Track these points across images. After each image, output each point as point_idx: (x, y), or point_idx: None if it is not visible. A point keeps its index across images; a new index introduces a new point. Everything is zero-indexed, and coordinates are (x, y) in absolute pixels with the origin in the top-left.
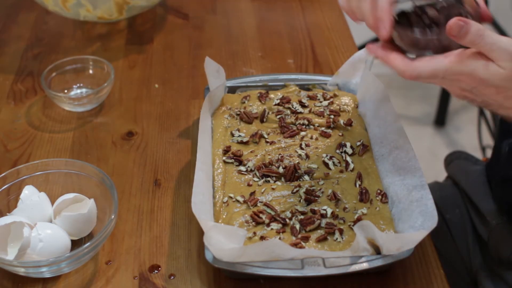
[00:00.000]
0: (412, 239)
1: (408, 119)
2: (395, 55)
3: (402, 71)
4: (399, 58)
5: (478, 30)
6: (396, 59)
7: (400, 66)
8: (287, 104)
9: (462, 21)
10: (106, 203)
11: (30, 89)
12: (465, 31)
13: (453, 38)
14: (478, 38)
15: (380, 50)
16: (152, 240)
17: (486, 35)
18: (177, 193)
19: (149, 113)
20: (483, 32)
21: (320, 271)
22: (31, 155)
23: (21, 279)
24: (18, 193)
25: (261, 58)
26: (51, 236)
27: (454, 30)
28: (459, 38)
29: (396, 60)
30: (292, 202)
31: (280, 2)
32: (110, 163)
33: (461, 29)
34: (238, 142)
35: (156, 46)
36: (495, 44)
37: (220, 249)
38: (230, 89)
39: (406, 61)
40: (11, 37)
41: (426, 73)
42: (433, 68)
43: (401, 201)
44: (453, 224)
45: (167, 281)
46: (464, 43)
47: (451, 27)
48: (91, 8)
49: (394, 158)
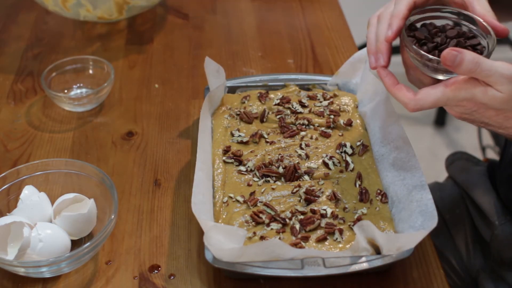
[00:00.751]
0: (412, 239)
1: (408, 119)
2: (399, 87)
3: (405, 103)
4: (403, 89)
5: (473, 58)
6: (400, 91)
7: (403, 98)
8: (287, 104)
9: (455, 51)
10: (106, 203)
11: (30, 89)
12: (459, 61)
13: (449, 68)
14: (474, 66)
15: (387, 78)
16: (152, 240)
17: (481, 62)
18: (177, 193)
19: (149, 113)
20: (478, 60)
21: (320, 271)
22: (31, 155)
23: (21, 279)
24: (18, 193)
25: (261, 58)
26: (51, 236)
27: (448, 60)
28: (455, 68)
29: (400, 92)
30: (292, 202)
31: (280, 2)
32: (110, 163)
33: (455, 59)
34: (238, 142)
35: (156, 46)
36: (491, 70)
37: (220, 249)
38: (230, 89)
39: (409, 95)
40: (11, 37)
41: (428, 104)
42: (435, 99)
43: (401, 201)
44: (453, 224)
45: (167, 281)
46: (461, 72)
47: (445, 57)
48: (91, 8)
49: (394, 158)
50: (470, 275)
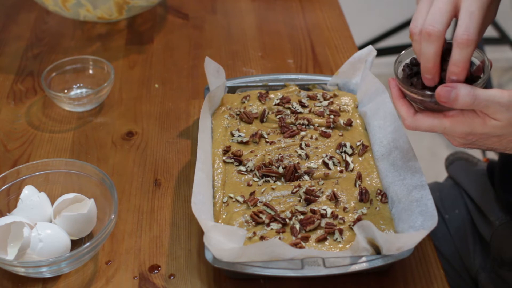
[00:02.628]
0: (412, 239)
1: None
2: (402, 102)
3: (403, 119)
4: (405, 106)
5: (469, 92)
6: (402, 106)
7: (403, 114)
8: (287, 104)
9: (449, 87)
10: (106, 203)
11: (30, 89)
12: (454, 96)
13: (445, 104)
14: (471, 99)
15: (395, 90)
16: (152, 240)
17: (477, 94)
18: (177, 193)
19: (149, 113)
20: (474, 92)
21: (320, 271)
22: (31, 155)
23: (21, 279)
24: (18, 193)
25: (261, 58)
26: (51, 236)
27: (443, 97)
28: (451, 103)
29: (402, 107)
30: (292, 202)
31: (280, 2)
32: (110, 163)
33: (450, 95)
34: (238, 142)
35: (156, 46)
36: (488, 101)
37: (220, 249)
38: (230, 89)
39: (409, 111)
40: (11, 37)
41: (424, 127)
42: (431, 125)
43: (401, 201)
44: (453, 224)
45: (167, 281)
46: (458, 107)
47: (439, 94)
48: (91, 8)
49: (394, 158)
50: (470, 275)
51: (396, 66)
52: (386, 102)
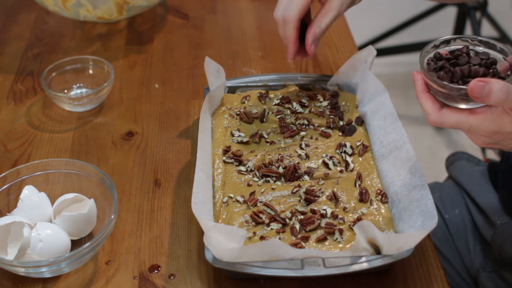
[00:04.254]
0: (412, 239)
1: (408, 119)
2: (427, 96)
3: (428, 114)
4: (430, 100)
5: (502, 88)
6: (427, 101)
7: (427, 108)
8: (287, 104)
9: (482, 81)
10: (106, 203)
11: (30, 89)
12: (487, 91)
13: (477, 100)
14: (504, 96)
15: (419, 83)
16: (152, 240)
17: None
18: (177, 193)
19: (149, 113)
20: (508, 89)
21: (320, 271)
22: (31, 155)
23: (21, 279)
24: (18, 193)
25: (261, 58)
26: (51, 236)
27: (476, 92)
28: (483, 99)
29: (427, 101)
30: (292, 202)
31: None
32: (110, 163)
33: (483, 90)
34: (238, 142)
35: (156, 46)
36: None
37: (220, 249)
38: (230, 89)
39: (434, 106)
40: (11, 37)
41: (450, 123)
42: (457, 121)
43: (401, 201)
44: (453, 224)
45: (167, 281)
46: (491, 103)
47: (472, 89)
48: (91, 8)
49: (394, 158)
50: (470, 275)
51: (422, 58)
52: (386, 102)
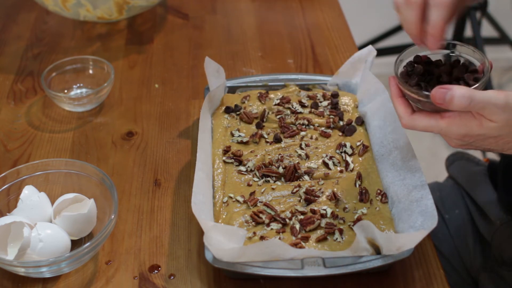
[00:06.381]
0: (412, 239)
1: None
2: (400, 100)
3: (400, 118)
4: (402, 105)
5: (464, 94)
6: (400, 105)
7: (400, 112)
8: (287, 104)
9: (444, 88)
10: (106, 203)
11: (30, 89)
12: (449, 98)
13: (441, 106)
14: (467, 101)
15: (394, 88)
16: (152, 240)
17: (474, 96)
18: (177, 193)
19: (149, 113)
20: (470, 94)
21: (320, 271)
22: (31, 155)
23: (21, 279)
24: (18, 193)
25: (261, 58)
26: (51, 236)
27: (438, 98)
28: (446, 105)
29: (400, 106)
30: (292, 202)
31: (280, 2)
32: (110, 163)
33: (445, 96)
34: (238, 142)
35: (156, 46)
36: (484, 103)
37: (220, 249)
38: (230, 89)
39: (406, 111)
40: (11, 37)
41: (421, 127)
42: (428, 125)
43: (401, 201)
44: (453, 224)
45: (167, 281)
46: (454, 108)
47: (434, 96)
48: (91, 8)
49: (394, 158)
50: (470, 275)
51: (397, 65)
52: (386, 102)
